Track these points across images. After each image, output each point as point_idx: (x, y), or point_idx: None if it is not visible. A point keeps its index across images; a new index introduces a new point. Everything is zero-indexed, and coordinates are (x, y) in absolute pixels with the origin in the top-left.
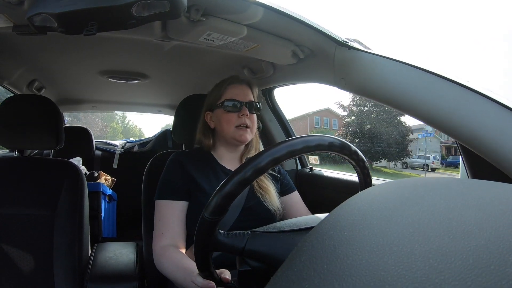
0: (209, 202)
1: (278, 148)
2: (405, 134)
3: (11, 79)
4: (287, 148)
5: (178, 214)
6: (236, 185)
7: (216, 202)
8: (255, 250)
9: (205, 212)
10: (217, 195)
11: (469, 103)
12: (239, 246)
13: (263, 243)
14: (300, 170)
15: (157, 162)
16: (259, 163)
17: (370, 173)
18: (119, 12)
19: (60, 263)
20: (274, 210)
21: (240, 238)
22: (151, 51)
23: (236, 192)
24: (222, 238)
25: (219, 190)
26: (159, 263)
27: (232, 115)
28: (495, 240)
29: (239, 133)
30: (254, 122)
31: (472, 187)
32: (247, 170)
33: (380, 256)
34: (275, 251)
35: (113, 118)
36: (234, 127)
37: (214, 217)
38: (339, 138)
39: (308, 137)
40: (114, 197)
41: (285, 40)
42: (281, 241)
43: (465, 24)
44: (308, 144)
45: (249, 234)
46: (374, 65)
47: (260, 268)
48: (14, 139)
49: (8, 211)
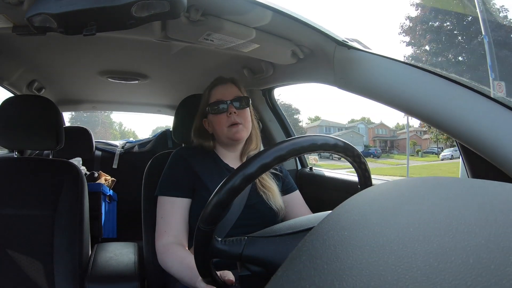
0: (203, 212)
1: (266, 154)
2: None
3: (11, 80)
4: (274, 153)
5: (181, 212)
6: (227, 194)
7: (210, 212)
8: (252, 256)
9: (200, 223)
10: (209, 205)
11: (469, 103)
12: (237, 252)
13: (260, 248)
14: (300, 169)
15: (157, 162)
16: (249, 170)
17: (370, 173)
18: (118, 12)
19: (60, 263)
20: (277, 208)
21: (237, 244)
22: (150, 51)
23: (227, 201)
24: (220, 246)
25: (211, 199)
26: (163, 261)
27: (221, 116)
28: (495, 240)
29: (233, 132)
30: (246, 117)
31: (472, 187)
32: (236, 178)
33: (381, 256)
34: (273, 255)
35: (112, 125)
36: (226, 127)
37: (209, 227)
38: (344, 140)
39: (312, 136)
40: (114, 198)
41: (285, 40)
42: (277, 245)
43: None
44: (315, 143)
45: (246, 240)
46: (373, 65)
47: (260, 273)
48: (14, 140)
49: (8, 212)
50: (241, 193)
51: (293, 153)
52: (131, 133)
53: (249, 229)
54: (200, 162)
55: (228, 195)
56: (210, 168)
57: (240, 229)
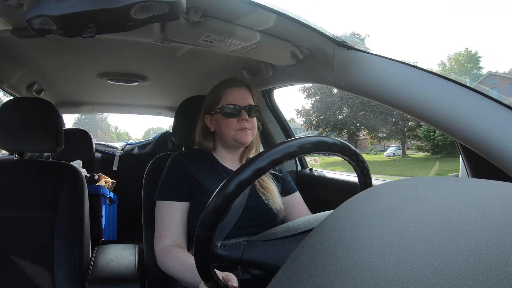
0: (201, 218)
1: (260, 158)
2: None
3: (10, 82)
4: (269, 157)
5: (179, 215)
6: (223, 200)
7: (207, 218)
8: (252, 260)
9: (198, 229)
10: (206, 211)
11: (468, 102)
12: (236, 257)
13: (259, 252)
14: (300, 171)
15: (157, 163)
16: (258, 164)
17: (370, 173)
18: (118, 14)
19: (61, 265)
20: (277, 209)
21: (236, 249)
22: (150, 53)
23: (223, 207)
24: (219, 251)
25: (207, 206)
26: (164, 263)
27: (231, 120)
28: (496, 239)
29: (240, 135)
30: (254, 124)
31: (472, 186)
32: (231, 183)
33: (381, 256)
34: (272, 259)
35: (109, 128)
36: (234, 130)
37: (207, 233)
38: (340, 140)
39: (307, 138)
40: (115, 200)
41: (284, 41)
42: (276, 249)
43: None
44: (306, 145)
45: (244, 244)
46: (373, 65)
47: (261, 276)
48: (14, 142)
49: (9, 214)
50: (240, 195)
51: (288, 157)
52: (126, 134)
53: (249, 231)
54: (198, 165)
55: (224, 201)
56: (208, 171)
57: (239, 231)
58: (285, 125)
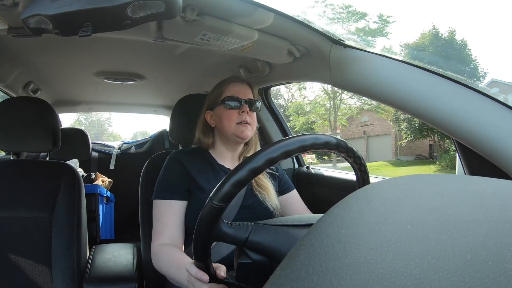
0: (218, 188)
1: (273, 148)
2: None
3: (6, 82)
4: (299, 142)
5: (177, 214)
6: (248, 173)
7: (227, 189)
8: (258, 242)
9: (213, 199)
10: (227, 182)
11: (466, 100)
12: (243, 237)
13: (267, 235)
14: (297, 169)
15: (154, 162)
16: (270, 154)
17: (367, 170)
18: (114, 13)
19: (58, 265)
20: (273, 208)
21: (244, 229)
22: (147, 51)
23: (246, 180)
24: (226, 228)
25: (230, 177)
26: (156, 259)
27: (233, 112)
28: (493, 236)
29: (240, 129)
30: (254, 120)
31: (469, 184)
32: (259, 158)
33: (378, 254)
34: (279, 244)
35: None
36: (235, 123)
37: (222, 204)
38: (335, 137)
39: (304, 136)
40: (112, 199)
41: (281, 39)
42: (285, 235)
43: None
44: (303, 144)
45: (253, 226)
46: (370, 63)
47: (261, 262)
48: (10, 142)
49: (5, 214)
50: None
51: (283, 156)
52: (117, 135)
53: None
54: (195, 164)
55: (249, 174)
56: (206, 169)
57: None
58: (282, 123)
